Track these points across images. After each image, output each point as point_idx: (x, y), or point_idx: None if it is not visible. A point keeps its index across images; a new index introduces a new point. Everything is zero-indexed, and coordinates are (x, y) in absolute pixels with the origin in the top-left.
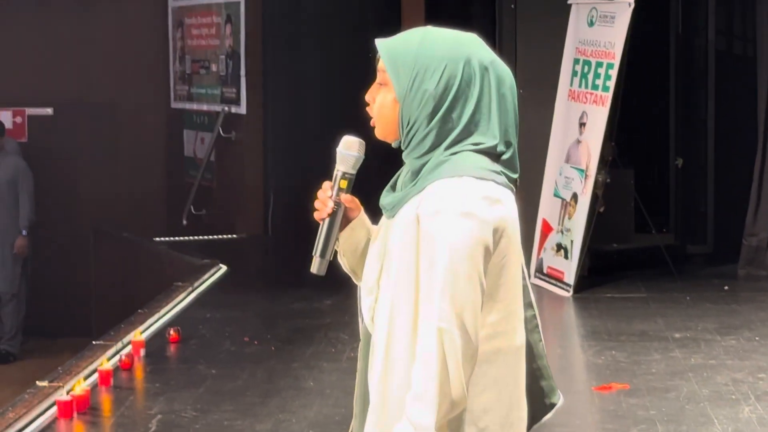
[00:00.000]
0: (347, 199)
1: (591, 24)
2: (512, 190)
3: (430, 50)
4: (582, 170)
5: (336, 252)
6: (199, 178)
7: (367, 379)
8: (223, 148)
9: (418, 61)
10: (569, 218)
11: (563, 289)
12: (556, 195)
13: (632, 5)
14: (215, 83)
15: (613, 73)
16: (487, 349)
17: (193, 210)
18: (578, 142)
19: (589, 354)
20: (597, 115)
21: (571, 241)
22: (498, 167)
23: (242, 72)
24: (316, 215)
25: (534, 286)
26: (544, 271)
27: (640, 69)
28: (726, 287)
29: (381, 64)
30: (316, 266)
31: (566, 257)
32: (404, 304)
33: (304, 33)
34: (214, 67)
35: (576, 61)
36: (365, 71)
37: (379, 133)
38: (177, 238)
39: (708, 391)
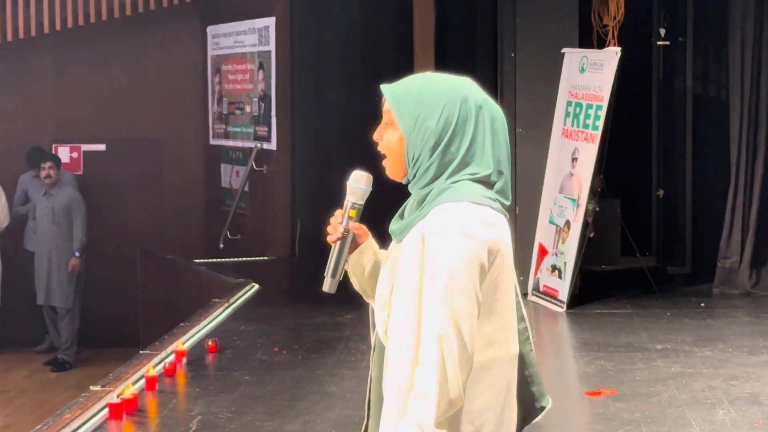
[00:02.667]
0: (355, 226)
1: (582, 70)
2: (506, 216)
3: (430, 92)
4: (574, 200)
5: (345, 273)
6: (235, 206)
7: (381, 384)
8: (255, 180)
9: (420, 101)
10: (563, 242)
11: (557, 305)
12: (551, 222)
13: (619, 54)
14: (249, 122)
15: (602, 113)
16: (484, 357)
17: (229, 235)
18: (571, 174)
19: (581, 363)
20: (587, 151)
21: (565, 263)
22: (493, 195)
23: (273, 113)
24: (329, 239)
25: (531, 302)
26: (541, 289)
27: (627, 110)
28: (702, 304)
29: (387, 106)
30: (327, 285)
31: (560, 277)
32: (410, 316)
33: (327, 78)
34: (247, 108)
35: (569, 103)
36: (380, 112)
37: (390, 173)
38: (215, 260)
39: (686, 396)
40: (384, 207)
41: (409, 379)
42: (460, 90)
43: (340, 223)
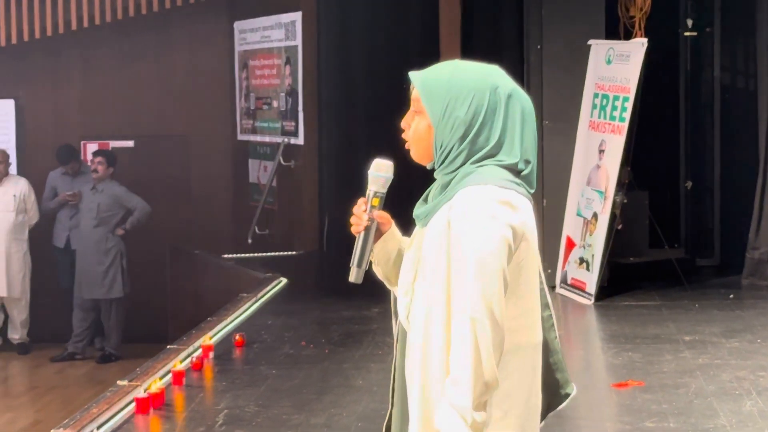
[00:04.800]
0: (379, 215)
1: (609, 62)
2: (530, 200)
3: (459, 81)
4: (601, 192)
5: (371, 262)
6: (263, 201)
7: (404, 371)
8: (283, 175)
9: (450, 90)
10: (590, 235)
11: (585, 298)
12: (578, 214)
13: (645, 45)
14: (276, 118)
15: (629, 105)
16: (509, 342)
17: (257, 230)
18: (598, 167)
19: (609, 355)
20: (614, 143)
21: (592, 255)
22: (518, 180)
23: (300, 107)
24: (353, 229)
25: (559, 295)
26: (569, 282)
27: (655, 102)
28: (731, 295)
29: (415, 94)
30: (354, 275)
31: (588, 269)
32: (438, 300)
33: (353, 72)
34: (275, 104)
35: (595, 95)
36: (407, 100)
37: (415, 156)
38: (243, 255)
39: (714, 387)
40: (406, 193)
41: (438, 363)
42: (490, 79)
43: (364, 212)
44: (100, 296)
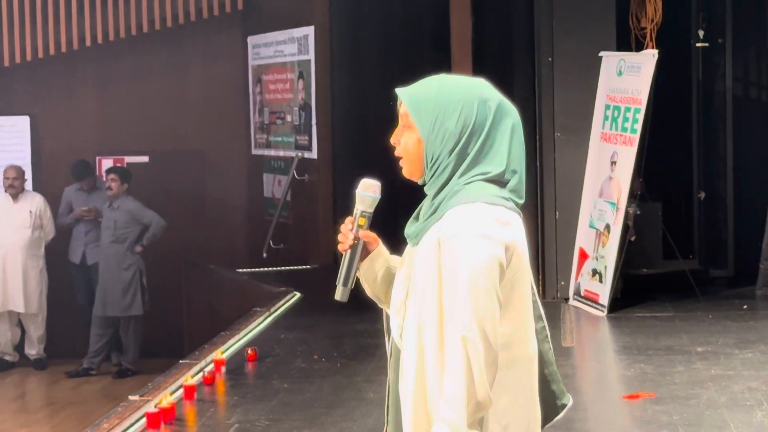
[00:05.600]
0: (365, 234)
1: (620, 73)
2: (519, 215)
3: (447, 94)
4: (614, 203)
5: (357, 280)
6: (277, 215)
7: (398, 388)
8: (297, 189)
9: (438, 103)
10: (603, 246)
11: (598, 309)
12: (591, 226)
13: (656, 56)
14: (290, 132)
15: (640, 116)
16: (503, 357)
17: (272, 244)
18: (610, 178)
19: (620, 367)
20: (626, 155)
21: (605, 267)
22: (506, 194)
23: (313, 121)
24: (339, 247)
25: (572, 307)
26: (582, 293)
27: (667, 113)
28: (745, 306)
29: (403, 110)
30: (339, 293)
31: (601, 281)
32: (430, 319)
33: (366, 86)
34: (288, 118)
35: (607, 107)
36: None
37: (407, 172)
38: (258, 269)
39: (725, 398)
40: (396, 211)
41: (431, 382)
42: (477, 91)
43: (350, 231)
44: (120, 313)
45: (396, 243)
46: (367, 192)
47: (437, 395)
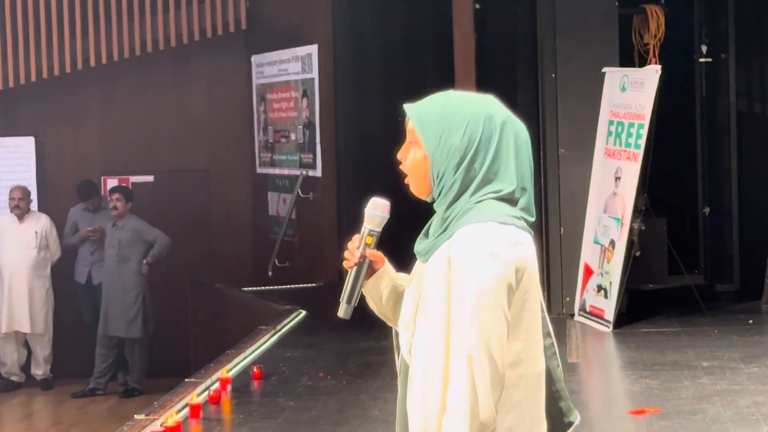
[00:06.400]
0: (372, 253)
1: (623, 89)
2: (530, 233)
3: (453, 109)
4: (618, 219)
5: (362, 298)
6: (282, 233)
7: (406, 405)
8: (302, 207)
9: (444, 119)
10: (608, 262)
11: (604, 325)
12: (596, 242)
13: (659, 72)
14: (294, 150)
15: (644, 132)
16: (511, 375)
17: (277, 262)
18: (614, 194)
19: (626, 382)
20: (630, 170)
21: (610, 283)
22: (518, 213)
23: (317, 140)
24: (345, 264)
25: (578, 323)
26: (587, 309)
27: (671, 128)
28: (750, 321)
29: (410, 125)
30: (342, 311)
31: (606, 297)
32: (438, 337)
33: (370, 104)
34: (293, 136)
35: (611, 123)
36: (404, 132)
37: (414, 190)
38: (263, 288)
39: (731, 413)
40: (402, 229)
41: (437, 400)
42: (484, 107)
43: (357, 248)
44: (125, 334)
45: (401, 260)
46: (376, 211)
47: (441, 413)
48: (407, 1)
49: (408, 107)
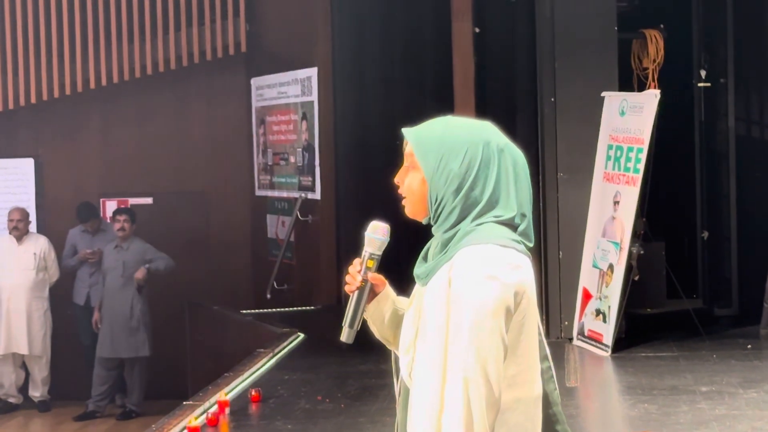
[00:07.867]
0: (373, 276)
1: (622, 113)
2: (529, 257)
3: (453, 135)
4: (617, 243)
5: (363, 321)
6: (281, 256)
7: (406, 428)
8: (301, 230)
9: (443, 144)
10: (606, 286)
11: (602, 349)
12: (594, 266)
13: (658, 96)
14: (293, 173)
15: (643, 156)
16: (508, 398)
17: (276, 285)
18: (613, 218)
19: (624, 407)
20: (629, 194)
21: (609, 307)
22: (517, 237)
23: (317, 162)
24: (346, 288)
25: (576, 347)
26: (585, 333)
27: (670, 152)
28: (749, 346)
29: (408, 149)
30: (345, 335)
31: (604, 321)
32: (437, 358)
33: (369, 127)
34: (292, 159)
35: (609, 147)
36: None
37: (410, 212)
38: (262, 310)
39: None
40: (400, 252)
41: (434, 422)
42: (482, 133)
43: (358, 272)
44: (126, 355)
45: (400, 283)
46: (377, 235)
47: None
48: (407, 25)
49: (407, 131)
